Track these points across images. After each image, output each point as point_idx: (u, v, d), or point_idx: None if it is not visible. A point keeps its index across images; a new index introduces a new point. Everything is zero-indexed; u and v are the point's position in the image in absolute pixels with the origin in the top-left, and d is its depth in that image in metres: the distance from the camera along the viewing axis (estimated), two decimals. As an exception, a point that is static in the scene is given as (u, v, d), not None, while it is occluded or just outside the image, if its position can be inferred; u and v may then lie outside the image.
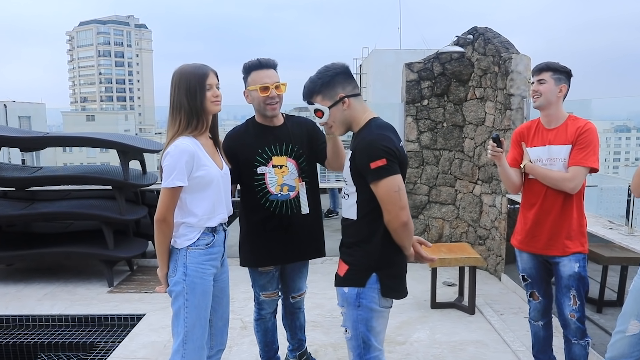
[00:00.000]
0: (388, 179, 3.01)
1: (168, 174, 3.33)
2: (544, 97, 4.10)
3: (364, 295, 3.18)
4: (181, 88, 3.42)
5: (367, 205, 3.15)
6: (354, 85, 3.28)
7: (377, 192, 3.05)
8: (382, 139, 3.05)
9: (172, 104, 3.45)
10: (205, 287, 3.47)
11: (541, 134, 4.24)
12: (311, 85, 3.27)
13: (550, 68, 4.12)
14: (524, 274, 4.43)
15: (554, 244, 4.15)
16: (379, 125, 3.19)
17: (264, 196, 4.15)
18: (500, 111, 7.30)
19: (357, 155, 3.10)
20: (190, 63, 3.51)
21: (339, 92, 3.21)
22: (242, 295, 6.71)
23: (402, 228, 3.08)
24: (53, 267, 8.38)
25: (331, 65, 3.28)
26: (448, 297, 6.75)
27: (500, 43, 7.49)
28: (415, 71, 8.30)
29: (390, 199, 3.03)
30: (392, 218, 3.06)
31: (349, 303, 3.24)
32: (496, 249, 7.59)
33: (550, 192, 4.13)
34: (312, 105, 3.28)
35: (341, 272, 3.28)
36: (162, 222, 3.38)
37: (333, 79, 3.22)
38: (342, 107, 3.22)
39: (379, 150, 3.01)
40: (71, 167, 9.37)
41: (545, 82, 4.10)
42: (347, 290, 3.23)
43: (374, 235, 3.15)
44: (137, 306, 6.69)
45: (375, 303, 3.20)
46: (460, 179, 8.32)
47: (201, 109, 3.45)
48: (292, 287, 4.53)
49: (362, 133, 3.18)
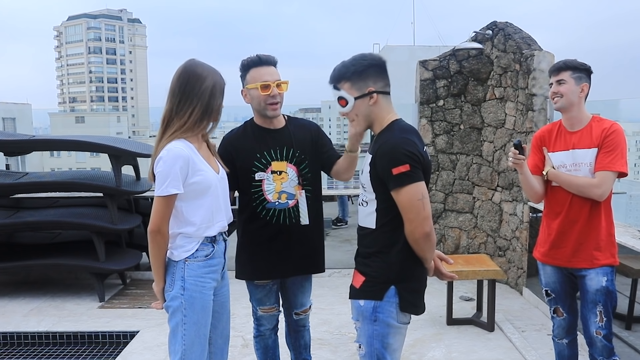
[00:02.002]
0: (411, 186, 3.00)
1: (161, 181, 3.32)
2: (565, 99, 4.10)
3: (381, 309, 3.17)
4: (206, 83, 3.42)
5: (387, 214, 3.14)
6: (387, 82, 3.27)
7: (398, 200, 3.04)
8: (406, 143, 3.05)
9: (183, 95, 3.41)
10: (204, 302, 3.48)
11: (564, 137, 4.23)
12: (342, 69, 3.24)
13: (569, 67, 4.12)
14: (547, 289, 4.42)
15: (581, 255, 4.13)
16: (402, 128, 3.19)
17: (261, 204, 4.12)
18: (522, 112, 7.30)
19: (378, 160, 3.09)
20: (203, 62, 3.51)
21: (369, 85, 3.19)
22: (243, 311, 6.71)
23: (425, 239, 3.07)
24: (40, 281, 8.39)
25: (368, 55, 3.26)
26: (465, 313, 6.75)
27: (522, 39, 7.49)
28: (430, 69, 8.31)
29: (413, 207, 3.02)
30: (414, 228, 3.05)
31: (364, 317, 3.22)
32: (517, 260, 7.58)
33: (576, 200, 4.12)
34: (337, 92, 3.25)
35: (357, 284, 3.26)
36: (156, 233, 3.37)
37: (366, 70, 3.20)
38: (368, 102, 3.20)
39: (402, 155, 3.00)
40: (59, 172, 9.39)
41: (564, 82, 4.10)
42: (363, 303, 3.22)
43: (394, 246, 3.14)
44: (131, 322, 6.70)
45: (393, 318, 3.18)
46: (478, 185, 8.32)
47: (212, 112, 3.47)
48: (294, 303, 4.46)
49: (384, 136, 3.17)
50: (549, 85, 4.24)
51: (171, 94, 3.45)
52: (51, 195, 8.53)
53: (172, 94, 3.45)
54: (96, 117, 72.72)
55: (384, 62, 3.28)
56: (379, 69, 3.23)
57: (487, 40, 8.08)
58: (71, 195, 8.54)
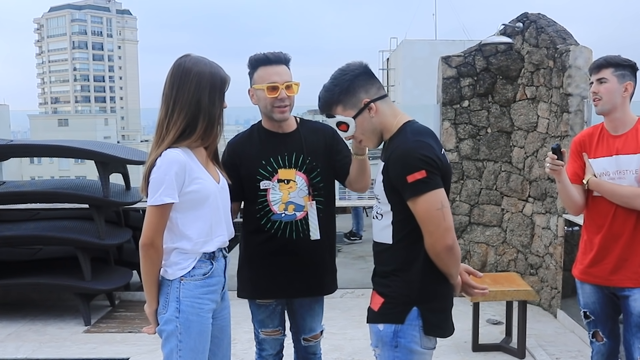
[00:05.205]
0: (428, 195, 2.99)
1: (155, 189, 3.32)
2: (606, 100, 4.08)
3: (403, 334, 3.16)
4: (202, 84, 3.42)
5: (404, 227, 3.14)
6: (378, 85, 3.28)
7: (415, 210, 3.04)
8: (421, 147, 3.04)
9: (177, 101, 3.41)
10: (202, 325, 3.48)
11: (606, 142, 4.21)
12: (327, 94, 3.26)
13: (611, 63, 4.11)
14: (587, 310, 4.41)
15: (625, 273, 4.11)
16: (415, 130, 3.19)
17: (265, 215, 4.12)
18: (556, 114, 7.30)
19: (391, 167, 3.09)
20: (200, 56, 3.52)
21: (362, 98, 3.21)
22: (245, 336, 6.69)
23: (447, 253, 3.06)
24: (18, 302, 8.39)
25: (347, 67, 3.27)
26: (493, 338, 6.74)
27: (556, 32, 7.49)
28: (453, 66, 8.32)
29: (432, 218, 3.01)
30: (435, 241, 3.04)
31: (384, 343, 3.21)
32: (551, 279, 7.57)
33: (620, 211, 4.11)
34: (332, 119, 3.27)
35: (375, 306, 3.25)
36: (149, 248, 3.37)
37: (353, 83, 3.21)
38: (368, 115, 3.21)
39: (416, 160, 2.99)
40: (40, 181, 9.43)
41: (606, 80, 4.08)
42: (383, 327, 3.21)
43: (414, 262, 3.13)
44: (120, 349, 6.71)
45: (416, 343, 3.17)
46: (507, 195, 8.31)
47: (214, 117, 3.47)
48: (303, 327, 4.42)
49: (396, 141, 3.17)
50: (589, 85, 4.23)
51: (164, 97, 3.46)
52: (31, 206, 8.55)
53: (165, 97, 3.45)
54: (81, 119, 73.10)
55: (366, 66, 3.30)
56: (365, 76, 3.26)
57: (518, 33, 8.08)
58: (53, 206, 8.53)
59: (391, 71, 43.03)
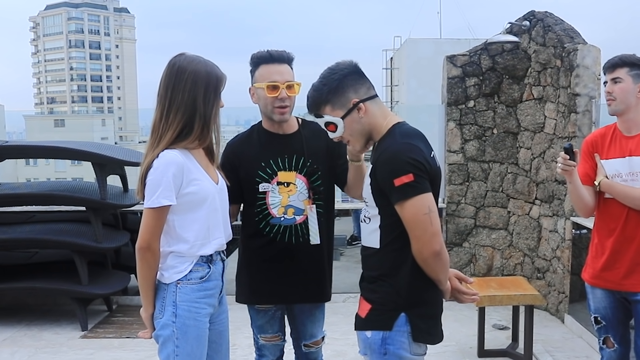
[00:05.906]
0: (416, 199, 3.00)
1: (152, 191, 3.32)
2: (620, 100, 4.07)
3: (391, 340, 3.16)
4: (197, 84, 3.41)
5: (392, 231, 3.14)
6: (368, 85, 3.29)
7: (402, 214, 3.04)
8: (409, 150, 3.05)
9: (173, 101, 3.40)
10: (199, 330, 3.47)
11: (619, 142, 4.20)
12: (316, 94, 3.27)
13: (626, 62, 4.09)
14: (597, 315, 4.39)
15: (638, 277, 4.11)
16: (404, 132, 3.19)
17: (264, 219, 4.10)
18: (564, 115, 7.30)
19: (379, 170, 3.10)
20: (195, 55, 3.51)
21: (351, 98, 3.21)
22: (245, 341, 6.66)
23: (434, 259, 3.06)
24: (13, 307, 8.38)
25: (336, 67, 3.28)
26: (499, 344, 6.74)
27: (564, 31, 7.49)
28: (458, 65, 8.33)
29: (419, 223, 3.01)
30: (422, 247, 3.04)
31: (372, 350, 3.22)
32: (558, 284, 7.57)
33: (633, 214, 4.10)
34: (321, 119, 3.28)
35: (362, 313, 3.27)
36: (146, 251, 3.37)
37: (342, 82, 3.22)
38: (357, 115, 3.22)
39: (404, 163, 3.00)
40: (36, 183, 9.43)
41: (621, 80, 4.07)
42: (370, 334, 3.22)
43: (402, 267, 3.14)
44: (117, 354, 6.72)
45: (405, 350, 3.17)
46: (514, 198, 8.31)
47: (210, 118, 3.46)
48: (303, 333, 4.40)
49: (384, 143, 3.18)
50: (603, 84, 4.21)
51: (159, 97, 3.45)
52: (27, 209, 8.55)
53: (160, 97, 3.45)
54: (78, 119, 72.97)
55: (356, 66, 3.30)
56: (354, 75, 3.26)
57: (524, 32, 8.08)
58: (49, 209, 8.54)
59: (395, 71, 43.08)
